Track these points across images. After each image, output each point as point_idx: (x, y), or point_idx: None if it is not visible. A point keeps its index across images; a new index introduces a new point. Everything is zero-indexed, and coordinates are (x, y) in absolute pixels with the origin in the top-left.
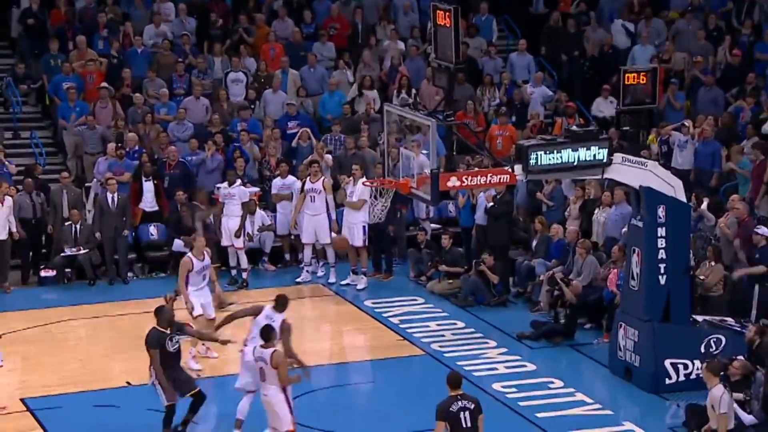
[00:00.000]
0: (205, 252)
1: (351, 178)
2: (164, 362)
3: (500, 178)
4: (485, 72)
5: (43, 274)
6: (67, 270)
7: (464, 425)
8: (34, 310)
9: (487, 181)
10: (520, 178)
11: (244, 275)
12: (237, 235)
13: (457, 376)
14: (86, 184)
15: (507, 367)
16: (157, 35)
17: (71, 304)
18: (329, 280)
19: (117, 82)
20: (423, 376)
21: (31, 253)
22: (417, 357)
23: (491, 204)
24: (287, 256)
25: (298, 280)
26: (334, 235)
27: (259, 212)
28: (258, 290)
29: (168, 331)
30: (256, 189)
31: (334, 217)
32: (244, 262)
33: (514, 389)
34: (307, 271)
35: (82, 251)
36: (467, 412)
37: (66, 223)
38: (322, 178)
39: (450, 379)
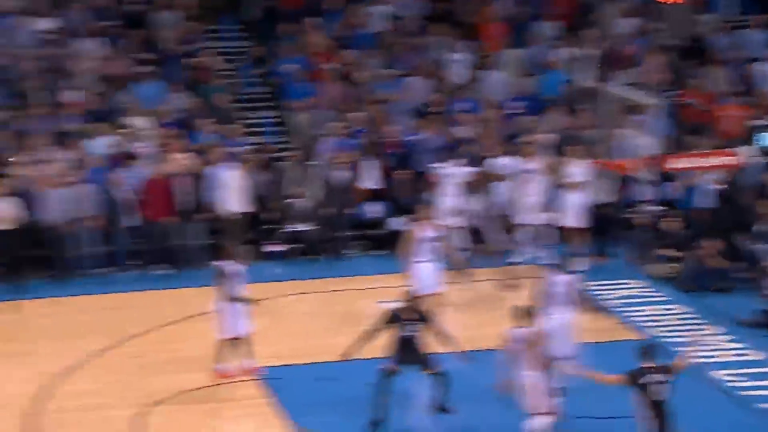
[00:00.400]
0: (434, 225)
1: (570, 158)
2: (396, 343)
3: (726, 160)
4: (715, 49)
5: (269, 249)
6: (292, 246)
7: (654, 398)
8: (259, 284)
9: (713, 163)
10: (748, 160)
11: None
12: (456, 215)
13: (650, 347)
14: (312, 162)
15: (729, 355)
16: (382, 16)
17: (295, 278)
18: (546, 262)
19: (343, 62)
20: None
21: (260, 228)
22: (636, 341)
23: (717, 186)
24: (504, 237)
25: (514, 260)
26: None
27: (477, 193)
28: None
29: (407, 317)
30: (475, 169)
31: (550, 198)
32: (463, 242)
33: (735, 377)
34: (523, 251)
35: (307, 228)
36: (659, 386)
37: (292, 200)
38: (541, 158)
39: (642, 349)
